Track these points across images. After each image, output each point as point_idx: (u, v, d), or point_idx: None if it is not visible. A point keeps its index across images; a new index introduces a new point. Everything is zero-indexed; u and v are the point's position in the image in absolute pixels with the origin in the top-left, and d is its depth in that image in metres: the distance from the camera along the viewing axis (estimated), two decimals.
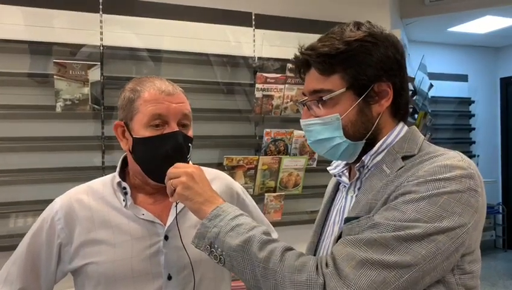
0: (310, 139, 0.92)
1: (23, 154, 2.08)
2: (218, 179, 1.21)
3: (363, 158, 0.87)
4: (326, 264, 0.74)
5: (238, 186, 1.26)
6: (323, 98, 0.86)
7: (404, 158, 0.84)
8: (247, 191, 2.35)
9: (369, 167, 0.88)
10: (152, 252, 1.04)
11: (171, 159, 1.02)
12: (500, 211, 5.72)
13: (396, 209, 0.76)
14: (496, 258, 5.32)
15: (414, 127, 0.91)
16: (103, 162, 2.19)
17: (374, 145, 0.87)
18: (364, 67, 0.84)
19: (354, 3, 2.89)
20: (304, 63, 0.89)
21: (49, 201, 1.15)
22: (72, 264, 1.05)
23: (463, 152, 0.84)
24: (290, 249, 0.81)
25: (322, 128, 0.87)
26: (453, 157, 0.81)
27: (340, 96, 0.85)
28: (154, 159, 1.03)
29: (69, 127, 2.15)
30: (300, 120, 0.93)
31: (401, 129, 0.89)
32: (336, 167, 0.98)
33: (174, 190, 0.92)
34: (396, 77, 0.87)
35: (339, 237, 0.83)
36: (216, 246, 0.83)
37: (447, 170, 0.77)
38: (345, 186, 0.94)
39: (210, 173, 1.20)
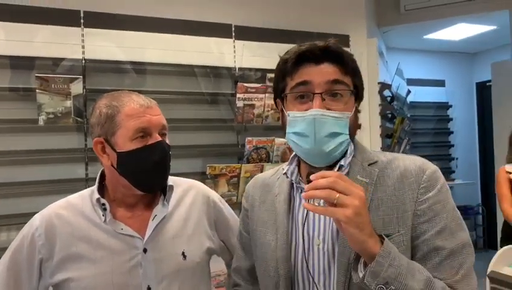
0: (321, 132, 0.86)
1: (6, 168, 2.08)
2: (194, 188, 1.25)
3: (341, 162, 0.91)
4: None
5: (214, 194, 1.29)
6: (347, 92, 0.89)
7: (369, 165, 0.91)
8: (231, 199, 2.41)
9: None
10: (131, 265, 1.07)
11: (159, 167, 1.07)
12: (480, 211, 5.87)
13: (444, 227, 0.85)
14: (477, 258, 5.28)
15: (356, 139, 0.98)
16: (87, 174, 2.21)
17: (346, 153, 0.93)
18: (361, 83, 0.95)
19: (331, 14, 2.98)
20: (327, 53, 0.89)
21: (34, 214, 1.16)
22: (53, 279, 1.07)
23: (442, 155, 0.95)
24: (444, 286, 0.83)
25: (335, 122, 0.87)
26: (417, 157, 0.93)
27: (350, 96, 0.90)
28: (144, 170, 1.07)
29: (52, 140, 2.16)
30: (312, 110, 0.87)
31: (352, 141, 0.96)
32: (291, 173, 0.96)
33: (332, 204, 0.76)
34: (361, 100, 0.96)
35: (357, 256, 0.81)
36: (393, 287, 0.76)
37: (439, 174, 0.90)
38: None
39: (185, 182, 1.25)
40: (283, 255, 0.92)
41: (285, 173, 0.97)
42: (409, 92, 4.52)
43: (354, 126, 0.92)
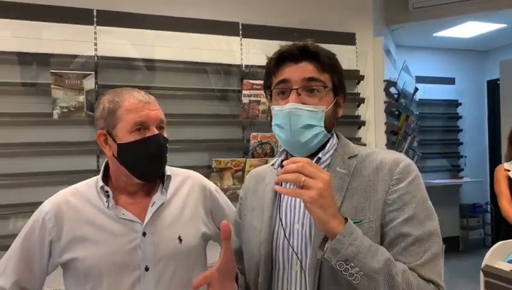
0: (296, 124, 0.94)
1: (23, 159, 2.20)
2: (191, 178, 1.34)
3: (319, 155, 0.99)
4: (436, 284, 0.88)
5: (210, 184, 1.38)
6: (323, 88, 0.96)
7: (349, 158, 0.99)
8: (236, 191, 2.49)
9: (320, 166, 0.98)
10: (131, 247, 1.16)
11: (155, 158, 1.17)
12: (489, 209, 5.85)
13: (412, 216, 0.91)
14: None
15: (341, 134, 1.06)
16: (98, 166, 2.31)
17: (325, 145, 1.01)
18: (340, 78, 1.02)
19: (338, 12, 3.03)
20: (305, 52, 0.96)
21: None
22: (61, 258, 1.18)
23: (451, 153, 1.01)
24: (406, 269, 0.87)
25: (310, 116, 0.95)
26: (393, 152, 1.00)
27: (327, 92, 0.99)
28: (141, 160, 1.17)
29: (65, 133, 2.27)
30: (288, 104, 0.95)
31: (336, 136, 1.05)
32: (278, 166, 1.02)
33: (300, 186, 0.83)
34: (345, 95, 1.04)
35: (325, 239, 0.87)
36: (353, 264, 0.82)
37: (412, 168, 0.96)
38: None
39: (183, 172, 1.34)
40: (265, 237, 1.00)
41: (272, 164, 1.06)
42: (416, 89, 4.54)
43: (332, 119, 1.00)
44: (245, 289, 1.08)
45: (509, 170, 2.72)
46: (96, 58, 2.31)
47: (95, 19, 2.32)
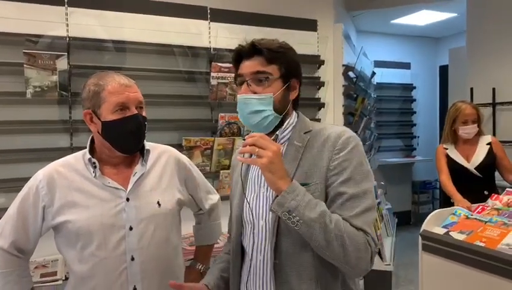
0: (246, 110, 1.15)
1: None
2: (166, 152, 1.53)
3: (277, 132, 1.20)
4: (364, 231, 1.07)
5: (184, 158, 1.59)
6: (269, 78, 1.15)
7: (305, 133, 1.20)
8: (205, 168, 2.66)
9: (280, 141, 1.20)
10: (117, 210, 1.36)
11: (134, 134, 1.36)
12: (437, 186, 6.33)
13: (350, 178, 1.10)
14: None
15: (300, 113, 1.26)
16: (71, 144, 2.39)
17: (283, 124, 1.22)
18: (290, 66, 1.21)
19: (301, 0, 3.19)
20: (253, 49, 1.15)
21: (23, 179, 1.44)
22: (54, 221, 1.34)
23: (405, 133, 1.22)
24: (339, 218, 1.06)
25: (258, 102, 1.14)
26: (341, 127, 1.21)
27: (275, 80, 1.17)
28: (122, 136, 1.35)
29: (38, 111, 2.33)
30: (239, 95, 1.16)
31: (296, 115, 1.25)
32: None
33: (251, 155, 1.06)
34: (300, 79, 1.23)
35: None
36: (294, 214, 1.03)
37: (352, 139, 1.15)
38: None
39: (160, 147, 1.53)
40: (237, 203, 1.25)
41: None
42: (374, 73, 4.81)
43: (282, 102, 1.18)
44: (225, 288, 1.31)
45: (447, 148, 3.05)
46: (68, 39, 2.37)
47: (66, 0, 2.37)
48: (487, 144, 2.95)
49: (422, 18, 5.25)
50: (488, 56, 4.11)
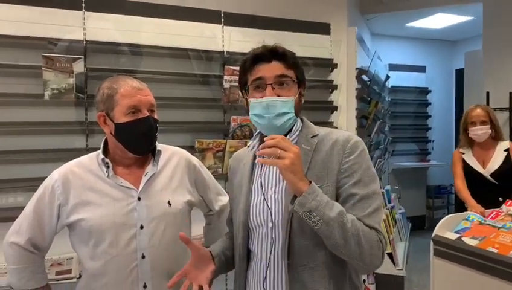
0: (271, 112, 1.16)
1: (15, 137, 2.30)
2: (177, 154, 1.56)
3: (287, 136, 1.22)
4: (376, 230, 1.12)
5: (195, 159, 1.62)
6: (290, 82, 1.19)
7: (311, 137, 1.23)
8: (216, 170, 2.69)
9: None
10: (129, 209, 1.39)
11: (146, 136, 1.39)
12: (452, 191, 6.22)
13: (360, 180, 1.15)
14: None
15: (304, 118, 1.29)
16: (87, 145, 2.44)
17: (291, 128, 1.24)
18: (301, 73, 1.26)
19: (315, 3, 3.20)
20: (273, 54, 1.19)
21: (40, 178, 1.49)
22: (68, 219, 1.39)
23: (420, 137, 1.24)
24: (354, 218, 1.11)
25: (283, 105, 1.17)
26: (346, 132, 1.24)
27: (293, 84, 1.21)
28: (134, 137, 1.39)
29: (56, 113, 2.39)
30: (265, 97, 1.16)
31: (300, 120, 1.27)
32: (253, 147, 1.27)
33: (273, 157, 1.06)
34: (305, 86, 1.28)
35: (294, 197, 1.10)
36: (315, 214, 1.05)
37: (360, 144, 1.19)
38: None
39: (170, 148, 1.56)
40: (242, 208, 1.25)
41: (248, 146, 1.29)
42: (388, 77, 4.78)
43: (298, 106, 1.23)
44: (225, 262, 1.32)
45: (463, 153, 3.01)
46: (85, 42, 2.43)
47: (83, 5, 2.42)
48: (505, 150, 2.89)
49: (438, 21, 5.20)
50: (504, 60, 4.04)
